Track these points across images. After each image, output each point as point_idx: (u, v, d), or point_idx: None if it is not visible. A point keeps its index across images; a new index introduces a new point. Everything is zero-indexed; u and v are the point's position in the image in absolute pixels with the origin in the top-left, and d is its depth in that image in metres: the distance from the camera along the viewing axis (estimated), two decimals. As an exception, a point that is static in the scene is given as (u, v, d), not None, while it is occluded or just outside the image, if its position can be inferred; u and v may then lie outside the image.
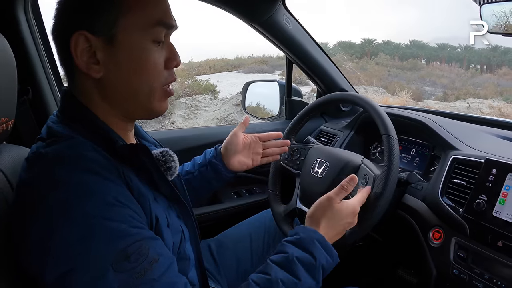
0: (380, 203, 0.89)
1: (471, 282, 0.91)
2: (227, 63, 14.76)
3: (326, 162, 1.10)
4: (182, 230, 0.78)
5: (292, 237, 0.79)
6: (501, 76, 12.68)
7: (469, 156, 1.02)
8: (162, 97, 0.73)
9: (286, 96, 1.79)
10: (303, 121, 1.26)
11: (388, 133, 0.96)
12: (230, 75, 12.47)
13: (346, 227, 0.85)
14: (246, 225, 1.27)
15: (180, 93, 9.73)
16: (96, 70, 0.66)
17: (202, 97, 9.63)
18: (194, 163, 1.11)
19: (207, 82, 10.68)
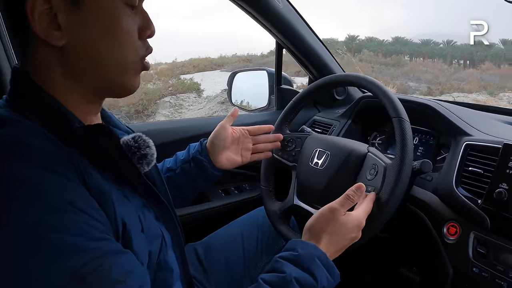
0: (394, 196, 0.80)
1: (493, 281, 0.83)
2: (211, 62, 14.88)
3: (327, 151, 1.00)
4: (162, 235, 0.67)
5: (289, 253, 0.69)
6: (484, 71, 12.90)
7: (484, 142, 0.94)
8: (135, 71, 0.63)
9: (276, 85, 1.69)
10: (298, 108, 1.15)
11: (399, 116, 0.86)
12: (214, 74, 12.55)
13: (349, 242, 0.76)
14: (237, 225, 1.17)
15: (164, 92, 9.72)
16: (58, 37, 0.55)
17: (186, 96, 9.64)
18: (176, 159, 1.02)
19: (191, 80, 10.71)
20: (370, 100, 1.35)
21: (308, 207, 0.98)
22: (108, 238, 0.51)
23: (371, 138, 1.39)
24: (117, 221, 0.55)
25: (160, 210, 0.70)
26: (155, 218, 0.68)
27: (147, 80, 10.23)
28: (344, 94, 1.70)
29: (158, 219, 0.69)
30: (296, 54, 1.55)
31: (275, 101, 1.72)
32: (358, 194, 0.77)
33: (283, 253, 0.70)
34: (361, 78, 0.99)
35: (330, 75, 1.09)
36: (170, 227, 0.72)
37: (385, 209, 0.80)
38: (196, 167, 0.98)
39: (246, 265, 1.07)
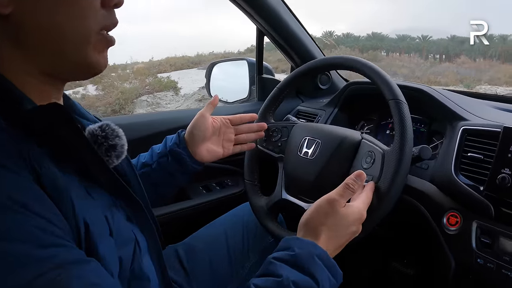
0: (395, 185, 0.75)
1: (499, 272, 0.79)
2: (188, 60, 14.85)
3: (317, 140, 0.94)
4: (135, 238, 0.60)
5: (284, 253, 0.62)
6: (460, 65, 13.18)
7: (482, 126, 0.90)
8: (100, 45, 0.55)
9: (257, 74, 1.62)
10: (283, 94, 1.08)
11: (396, 98, 0.81)
12: (191, 72, 12.52)
13: (350, 237, 0.69)
14: (220, 223, 1.10)
15: (141, 91, 9.58)
16: (3, 4, 0.47)
17: (163, 94, 9.55)
18: (152, 153, 0.94)
19: (168, 79, 10.62)
20: (358, 86, 1.30)
21: (298, 201, 0.92)
22: (66, 245, 0.44)
23: (359, 127, 1.34)
24: (77, 223, 0.47)
25: (132, 209, 0.62)
26: (127, 219, 0.60)
27: (123, 79, 10.08)
28: (328, 83, 1.65)
29: (131, 220, 0.61)
30: (278, 41, 1.49)
31: (256, 91, 1.66)
32: (358, 183, 0.71)
33: (278, 253, 0.63)
34: (352, 60, 0.92)
35: (319, 58, 1.03)
36: (145, 229, 0.65)
37: (386, 199, 0.75)
38: (174, 160, 0.91)
39: (232, 265, 1.01)
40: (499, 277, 0.79)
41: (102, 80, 9.37)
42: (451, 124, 0.99)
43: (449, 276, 0.89)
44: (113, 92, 9.17)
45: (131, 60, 13.28)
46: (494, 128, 0.87)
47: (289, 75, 1.07)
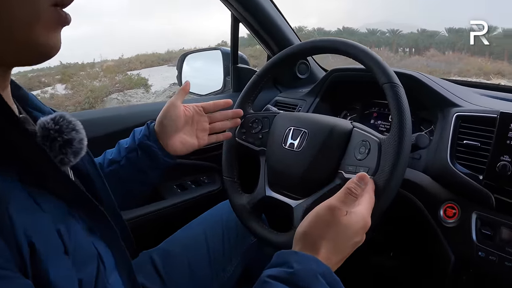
0: (395, 177, 0.69)
1: (502, 264, 0.77)
2: (158, 57, 14.70)
3: (303, 130, 0.87)
4: (98, 254, 0.52)
5: (281, 270, 0.53)
6: (429, 58, 13.46)
7: (477, 112, 0.87)
8: (51, 23, 0.46)
9: (232, 64, 1.56)
10: (263, 82, 1.01)
11: (391, 81, 0.75)
12: (162, 69, 12.42)
13: (353, 248, 0.61)
14: (198, 224, 1.04)
15: (111, 89, 9.40)
16: None
17: (134, 92, 9.42)
18: (120, 148, 0.86)
19: (138, 76, 10.45)
20: (342, 73, 1.25)
21: (284, 198, 0.85)
22: (7, 276, 0.36)
23: (341, 117, 1.30)
24: (18, 243, 0.39)
25: (94, 219, 0.53)
26: (88, 231, 0.52)
27: (92, 77, 9.91)
28: (307, 72, 1.60)
29: (93, 231, 0.53)
30: (255, 28, 1.43)
31: (231, 82, 1.60)
32: (361, 187, 0.64)
33: (273, 270, 0.54)
34: (341, 43, 0.86)
35: (306, 41, 0.96)
36: (111, 240, 0.57)
37: (385, 193, 0.69)
38: (144, 155, 0.84)
39: (212, 269, 0.95)
40: (502, 270, 0.77)
41: (71, 79, 9.19)
42: (442, 111, 0.96)
43: (448, 271, 0.86)
44: (82, 90, 8.98)
45: (101, 58, 13.04)
46: (490, 114, 0.85)
47: (270, 60, 1.00)
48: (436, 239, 0.87)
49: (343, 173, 0.77)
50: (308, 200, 0.79)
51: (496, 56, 7.66)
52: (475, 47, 8.75)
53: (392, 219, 1.04)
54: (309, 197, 0.79)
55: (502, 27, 7.83)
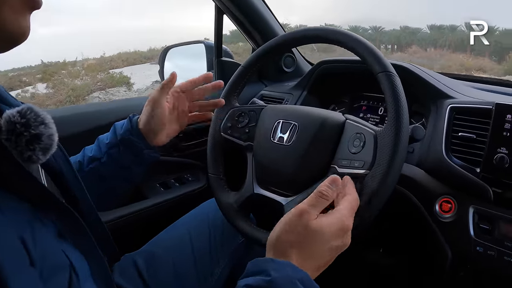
0: (394, 170, 0.66)
1: (501, 259, 0.75)
2: (140, 55, 14.67)
3: (293, 123, 0.83)
4: (70, 263, 0.47)
5: (258, 279, 0.51)
6: (412, 54, 13.61)
7: (472, 103, 0.86)
8: (18, 6, 0.43)
9: (216, 57, 1.52)
10: (249, 73, 0.97)
11: (387, 70, 0.73)
12: (144, 67, 12.39)
13: (334, 254, 0.58)
14: (183, 224, 1.00)
15: (93, 88, 9.26)
16: None
17: (116, 90, 9.29)
18: (100, 144, 0.82)
19: (120, 74, 10.36)
20: (330, 65, 1.23)
21: (274, 196, 0.82)
22: None
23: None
24: None
25: (65, 223, 0.49)
26: (58, 237, 0.48)
27: (74, 76, 9.73)
28: (293, 65, 1.57)
29: (64, 237, 0.49)
30: (240, 19, 1.40)
31: (214, 76, 1.55)
32: (332, 189, 0.60)
33: (250, 279, 0.51)
34: (333, 32, 0.82)
35: (295, 30, 0.92)
36: (86, 246, 0.53)
37: (383, 188, 0.66)
38: (127, 150, 0.80)
39: (199, 272, 0.91)
40: (501, 265, 0.75)
41: (52, 77, 9.03)
42: (435, 103, 0.95)
43: (446, 267, 0.84)
44: (63, 89, 8.80)
45: (82, 56, 12.90)
46: (484, 105, 0.84)
47: (259, 49, 0.96)
48: (432, 235, 0.85)
49: (337, 167, 0.74)
50: (299, 196, 0.76)
51: (477, 53, 7.79)
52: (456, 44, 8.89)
53: (386, 216, 1.02)
54: (301, 194, 0.76)
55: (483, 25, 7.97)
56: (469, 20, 7.26)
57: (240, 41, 7.72)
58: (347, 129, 0.77)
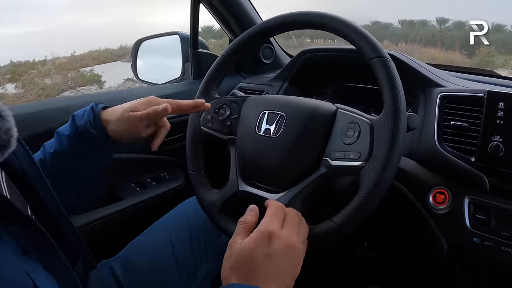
0: (392, 163, 0.64)
1: (499, 249, 0.75)
2: (111, 53, 14.50)
3: (280, 113, 0.78)
4: (34, 285, 0.41)
5: None
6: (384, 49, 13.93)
7: (463, 92, 0.85)
8: None
9: (192, 49, 1.47)
10: (230, 62, 0.91)
11: (381, 55, 0.69)
12: (115, 65, 12.21)
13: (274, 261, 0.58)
14: (162, 226, 0.95)
15: (63, 87, 9.03)
16: None
17: (87, 89, 9.08)
18: (60, 138, 0.75)
19: (91, 72, 10.18)
20: (313, 54, 1.20)
21: (261, 192, 0.77)
22: None
23: None
24: None
25: (29, 237, 0.44)
26: (19, 255, 0.42)
27: (44, 75, 9.56)
28: (272, 57, 1.54)
29: (28, 253, 0.43)
30: (217, 8, 1.36)
31: (191, 69, 1.51)
32: (250, 214, 0.65)
33: None
34: (320, 16, 0.78)
35: (281, 14, 0.86)
36: (55, 265, 0.48)
37: (382, 181, 0.63)
38: (88, 142, 0.74)
39: (182, 276, 0.87)
40: (499, 255, 0.75)
41: (22, 77, 8.83)
42: (424, 92, 0.94)
43: (442, 260, 0.84)
44: (33, 89, 8.61)
45: (53, 55, 12.65)
46: (476, 93, 0.83)
47: (241, 36, 0.90)
48: (427, 227, 0.84)
49: (329, 160, 0.70)
50: (289, 193, 0.72)
51: (447, 47, 7.99)
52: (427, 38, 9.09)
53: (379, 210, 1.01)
54: (291, 190, 0.72)
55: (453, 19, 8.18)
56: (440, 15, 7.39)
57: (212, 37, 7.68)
58: (339, 119, 0.73)
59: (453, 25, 8.30)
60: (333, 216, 0.65)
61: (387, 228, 1.12)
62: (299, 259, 0.61)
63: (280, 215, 0.63)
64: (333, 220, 0.65)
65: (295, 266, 0.60)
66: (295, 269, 0.59)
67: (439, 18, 9.39)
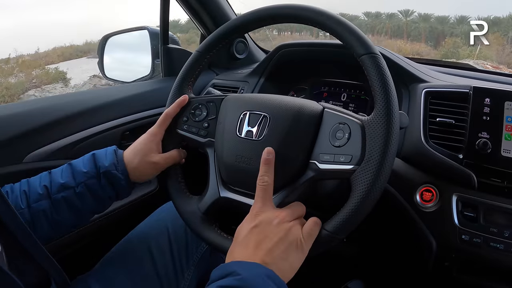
0: (387, 164, 0.62)
1: (487, 245, 0.76)
2: (76, 49, 14.34)
3: (263, 113, 0.75)
4: None
5: (230, 279, 0.53)
6: (350, 41, 14.13)
7: (447, 88, 0.86)
8: None
9: (162, 44, 1.42)
10: (205, 59, 0.87)
11: (371, 51, 0.67)
12: (81, 62, 12.10)
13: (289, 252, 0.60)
14: (138, 236, 0.91)
15: (28, 86, 8.91)
16: None
17: (52, 87, 8.92)
18: (74, 172, 0.75)
19: (56, 70, 10.01)
20: (291, 49, 1.18)
21: (244, 199, 0.74)
22: None
23: None
24: None
25: None
26: None
27: (7, 74, 9.40)
28: (245, 52, 1.52)
29: None
30: (189, 2, 1.33)
31: (161, 65, 1.46)
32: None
33: (220, 281, 0.53)
34: (304, 9, 0.74)
35: (260, 8, 0.82)
36: None
37: (378, 183, 0.61)
38: (108, 184, 0.77)
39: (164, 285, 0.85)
40: (488, 251, 0.76)
41: None
42: (407, 88, 0.94)
43: (431, 258, 0.84)
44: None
45: (16, 53, 12.31)
46: (461, 89, 0.84)
47: (216, 32, 0.86)
48: (415, 225, 0.85)
49: (317, 163, 0.67)
50: (275, 199, 0.69)
51: (413, 38, 8.21)
52: (393, 30, 9.30)
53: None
54: (277, 196, 0.69)
55: (419, 11, 8.42)
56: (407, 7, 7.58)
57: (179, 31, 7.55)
58: (326, 119, 0.70)
59: (418, 17, 8.55)
60: (325, 224, 0.64)
61: (373, 226, 1.12)
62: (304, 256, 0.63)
63: None
64: (325, 228, 0.63)
65: (299, 260, 0.62)
66: (298, 263, 0.62)
67: (404, 10, 9.67)
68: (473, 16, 7.23)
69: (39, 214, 0.71)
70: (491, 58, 6.95)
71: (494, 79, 1.04)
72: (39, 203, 0.71)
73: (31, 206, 0.71)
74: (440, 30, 7.86)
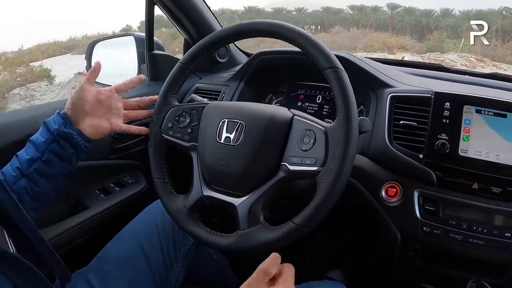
0: (346, 166, 0.69)
1: (447, 236, 0.84)
2: (60, 46, 14.07)
3: (239, 121, 0.82)
4: None
5: None
6: (335, 34, 14.14)
7: (411, 92, 0.92)
8: None
9: (148, 50, 1.46)
10: (188, 69, 0.93)
11: (334, 66, 0.74)
12: (65, 58, 11.93)
13: None
14: (131, 233, 0.97)
15: (12, 84, 8.90)
16: None
17: (37, 85, 8.92)
18: (35, 144, 0.80)
19: (40, 67, 10.03)
20: (269, 56, 1.24)
21: (225, 197, 0.82)
22: None
23: (266, 101, 1.30)
24: None
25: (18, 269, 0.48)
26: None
27: None
28: (227, 55, 1.56)
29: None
30: (172, 10, 1.36)
31: (147, 71, 1.50)
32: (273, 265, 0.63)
33: None
34: (277, 26, 0.82)
35: (240, 23, 0.89)
36: None
37: (338, 183, 0.69)
38: (67, 143, 0.81)
39: (155, 280, 0.91)
40: (448, 242, 0.83)
41: None
42: (374, 92, 1.00)
43: (397, 249, 0.90)
44: None
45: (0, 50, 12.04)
46: (424, 94, 0.90)
47: (197, 45, 0.92)
48: (381, 219, 0.91)
49: (287, 165, 0.75)
50: (251, 197, 0.77)
51: (398, 32, 8.28)
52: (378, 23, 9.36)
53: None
54: (252, 194, 0.78)
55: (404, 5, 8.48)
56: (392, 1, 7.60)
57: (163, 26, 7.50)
58: (295, 126, 0.78)
59: (403, 11, 8.62)
60: (294, 217, 0.71)
61: (346, 220, 1.19)
62: None
63: None
64: (293, 221, 0.71)
65: None
66: None
67: (390, 4, 9.75)
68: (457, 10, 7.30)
69: (22, 192, 0.76)
70: (475, 51, 7.06)
71: (462, 80, 1.11)
72: (18, 183, 0.76)
73: (13, 189, 0.75)
74: (424, 23, 7.94)
